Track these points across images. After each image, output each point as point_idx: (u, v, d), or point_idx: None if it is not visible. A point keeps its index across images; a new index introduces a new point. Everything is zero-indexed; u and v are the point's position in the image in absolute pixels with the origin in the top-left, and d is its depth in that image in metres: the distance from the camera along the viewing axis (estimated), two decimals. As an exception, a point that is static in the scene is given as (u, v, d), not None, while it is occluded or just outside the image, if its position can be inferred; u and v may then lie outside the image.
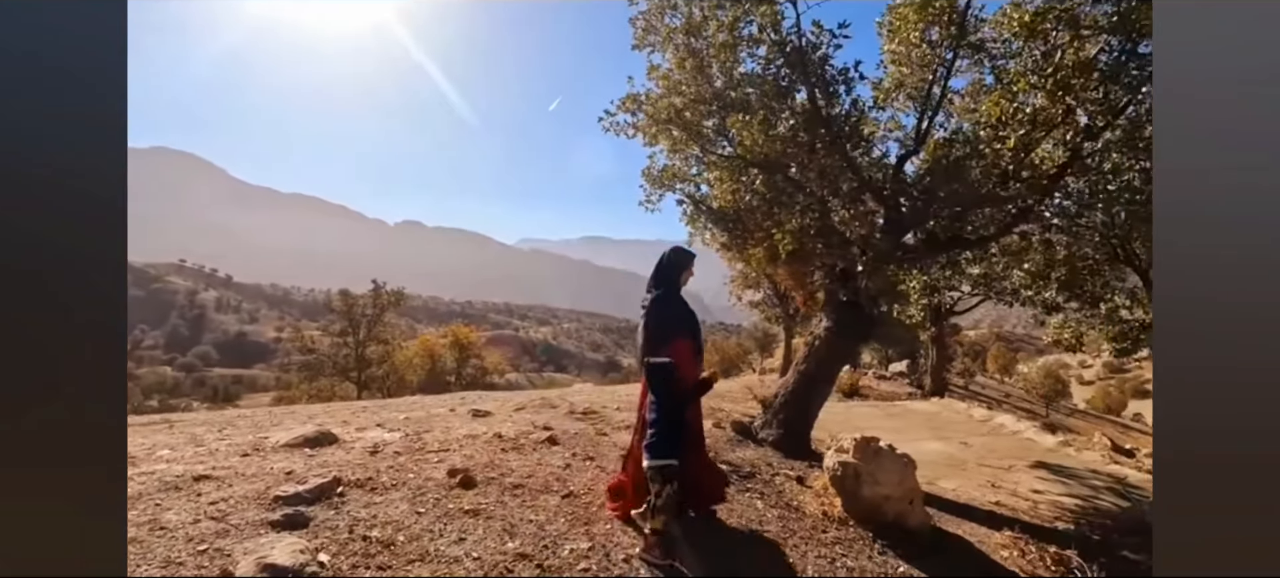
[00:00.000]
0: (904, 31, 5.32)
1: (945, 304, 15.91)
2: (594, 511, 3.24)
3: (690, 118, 6.03)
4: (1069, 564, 3.61)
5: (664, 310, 3.17)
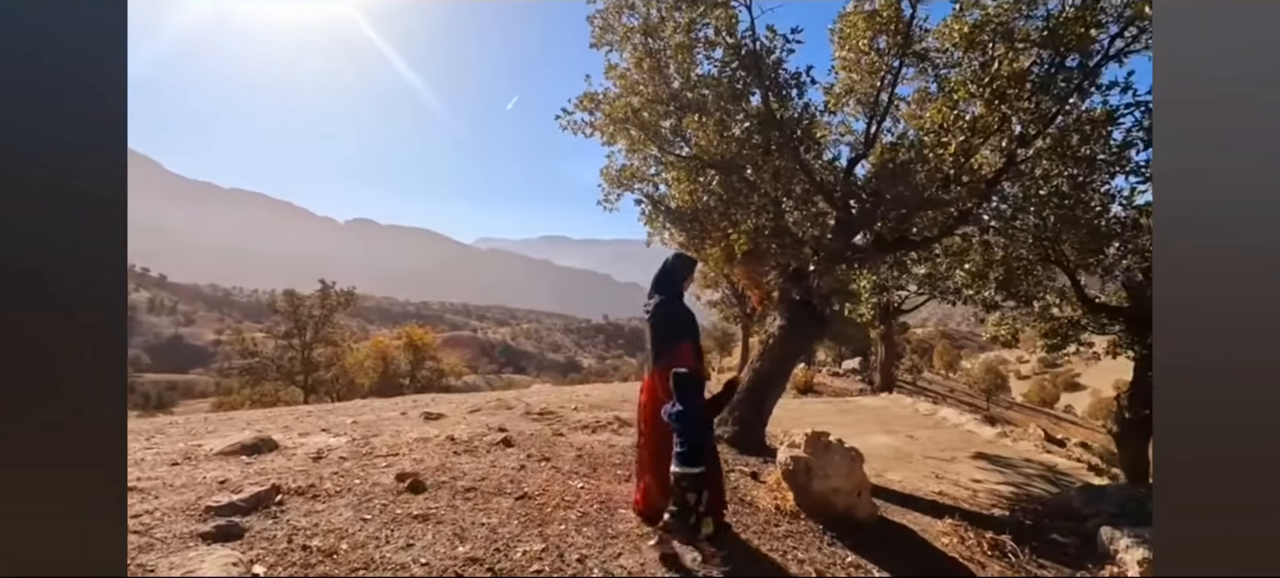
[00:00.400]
0: (854, 39, 5.49)
1: (893, 303, 16.53)
2: (548, 511, 3.21)
3: (648, 118, 6.06)
4: (1004, 548, 3.81)
5: (669, 316, 3.25)
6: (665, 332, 3.20)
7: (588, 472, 4.03)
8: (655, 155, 6.67)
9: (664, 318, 3.24)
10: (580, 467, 4.11)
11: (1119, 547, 3.70)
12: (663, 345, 3.19)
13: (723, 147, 5.29)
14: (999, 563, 3.67)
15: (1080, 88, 4.98)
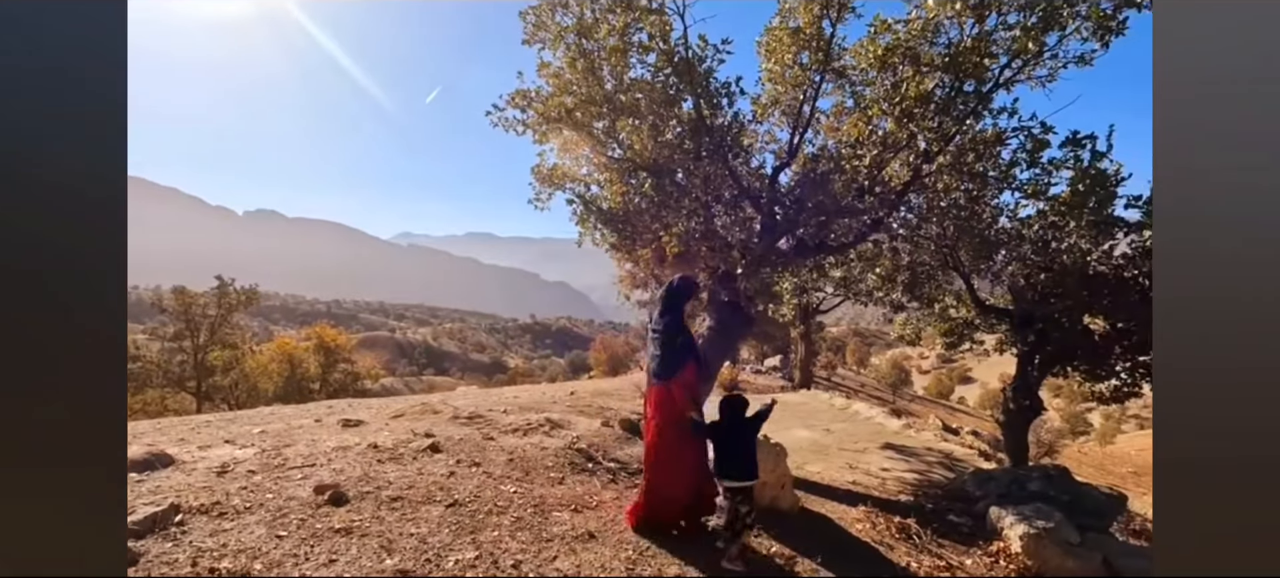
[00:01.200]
0: (779, 53, 5.76)
1: (812, 304, 17.44)
2: (481, 518, 3.14)
3: (581, 118, 6.04)
4: (909, 531, 4.16)
5: (676, 336, 3.49)
6: (676, 351, 3.44)
7: (520, 476, 3.98)
8: (588, 156, 6.67)
9: (673, 338, 3.46)
10: (512, 471, 4.05)
11: (1004, 524, 4.14)
12: (673, 364, 3.42)
13: (656, 150, 5.39)
14: (905, 545, 4.00)
15: (975, 111, 5.51)
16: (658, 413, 3.45)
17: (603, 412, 7.71)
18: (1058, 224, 6.25)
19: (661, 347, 3.47)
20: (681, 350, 3.45)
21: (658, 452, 3.44)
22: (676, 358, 3.43)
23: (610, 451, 5.06)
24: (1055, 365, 6.91)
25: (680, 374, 3.42)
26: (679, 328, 3.53)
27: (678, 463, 3.42)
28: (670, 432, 3.42)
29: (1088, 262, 6.22)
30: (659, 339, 3.51)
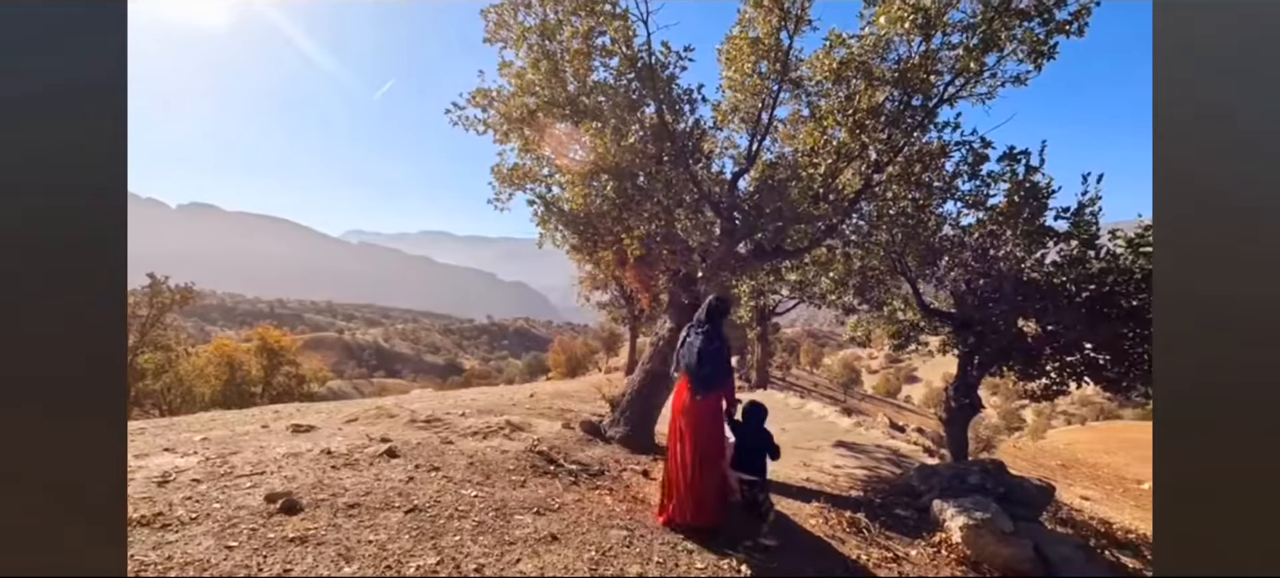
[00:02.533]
0: (739, 61, 5.91)
1: (769, 306, 17.87)
2: (442, 523, 3.10)
3: (543, 120, 6.03)
4: (859, 526, 4.35)
5: (721, 349, 3.70)
6: (720, 365, 3.67)
7: (481, 480, 3.94)
8: (549, 157, 6.65)
9: (717, 353, 3.68)
10: (473, 475, 4.01)
11: (946, 516, 4.38)
12: (718, 377, 3.67)
13: (619, 154, 5.44)
14: (856, 538, 4.18)
15: (922, 124, 5.81)
16: (702, 422, 3.67)
17: (563, 414, 7.70)
18: (995, 233, 6.65)
19: (706, 361, 3.65)
20: (726, 367, 3.71)
21: (705, 457, 3.64)
22: (721, 372, 3.66)
23: (572, 453, 5.07)
24: (992, 366, 7.36)
25: (725, 386, 3.68)
26: (720, 338, 3.76)
27: (718, 467, 3.74)
28: (717, 439, 3.72)
29: (1022, 269, 6.65)
30: (704, 354, 3.67)
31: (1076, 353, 6.40)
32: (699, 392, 3.69)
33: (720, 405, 3.75)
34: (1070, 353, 6.47)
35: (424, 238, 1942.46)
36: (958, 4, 5.12)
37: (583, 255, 9.20)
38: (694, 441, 3.69)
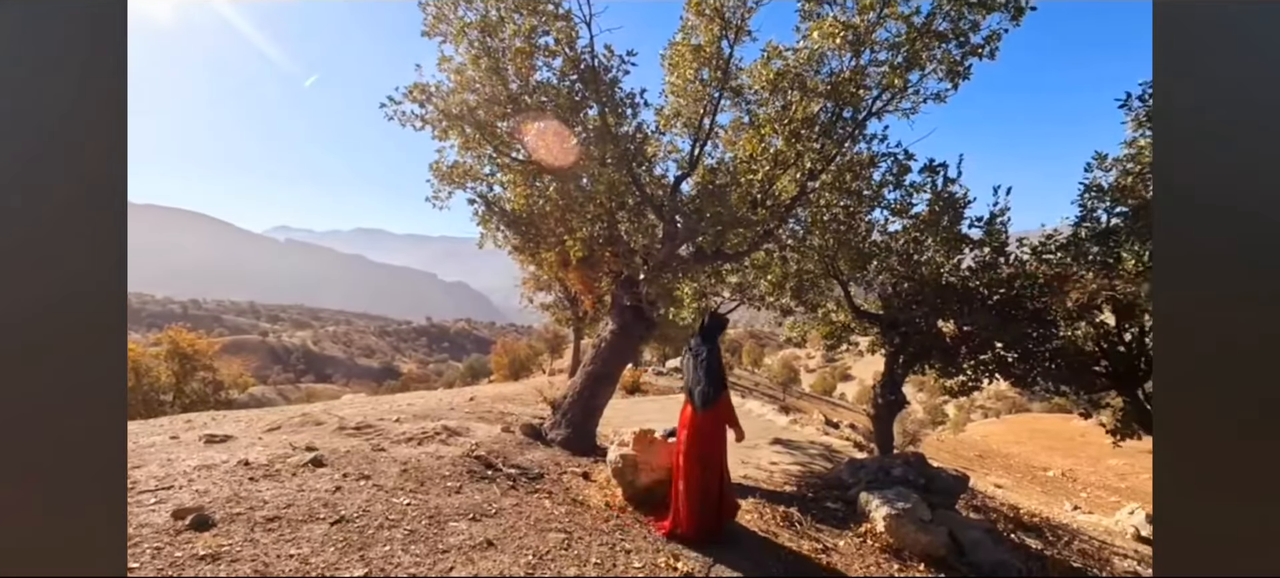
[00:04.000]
0: (681, 67, 6.01)
1: (710, 308, 18.22)
2: (371, 534, 2.99)
3: (484, 117, 5.91)
4: (792, 519, 4.52)
5: (720, 365, 3.88)
6: (717, 382, 3.81)
7: (414, 487, 3.82)
8: (491, 155, 6.53)
9: (710, 368, 3.83)
10: (406, 483, 3.87)
11: (871, 508, 4.63)
12: (716, 393, 3.81)
13: (561, 155, 5.41)
14: (788, 532, 4.34)
15: (852, 135, 6.12)
16: (703, 436, 3.80)
17: (504, 417, 7.57)
18: (918, 239, 7.08)
19: (706, 378, 3.80)
20: (721, 383, 3.85)
21: (706, 469, 3.78)
22: (718, 388, 3.81)
23: (511, 457, 4.99)
24: (916, 364, 7.83)
25: (722, 401, 3.84)
26: (718, 356, 3.91)
27: (723, 476, 3.89)
28: (720, 451, 3.86)
29: (941, 273, 7.11)
30: (703, 371, 3.82)
31: (988, 351, 6.91)
32: (699, 407, 3.82)
33: (720, 419, 3.86)
34: (983, 351, 6.98)
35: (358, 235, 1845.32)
36: (884, 23, 5.43)
37: (525, 256, 9.08)
38: (696, 454, 3.80)
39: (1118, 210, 5.42)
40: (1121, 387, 5.85)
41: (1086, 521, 9.68)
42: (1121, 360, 5.77)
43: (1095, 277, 5.55)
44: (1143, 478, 17.40)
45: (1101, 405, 7.29)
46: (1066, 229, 5.99)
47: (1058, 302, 5.82)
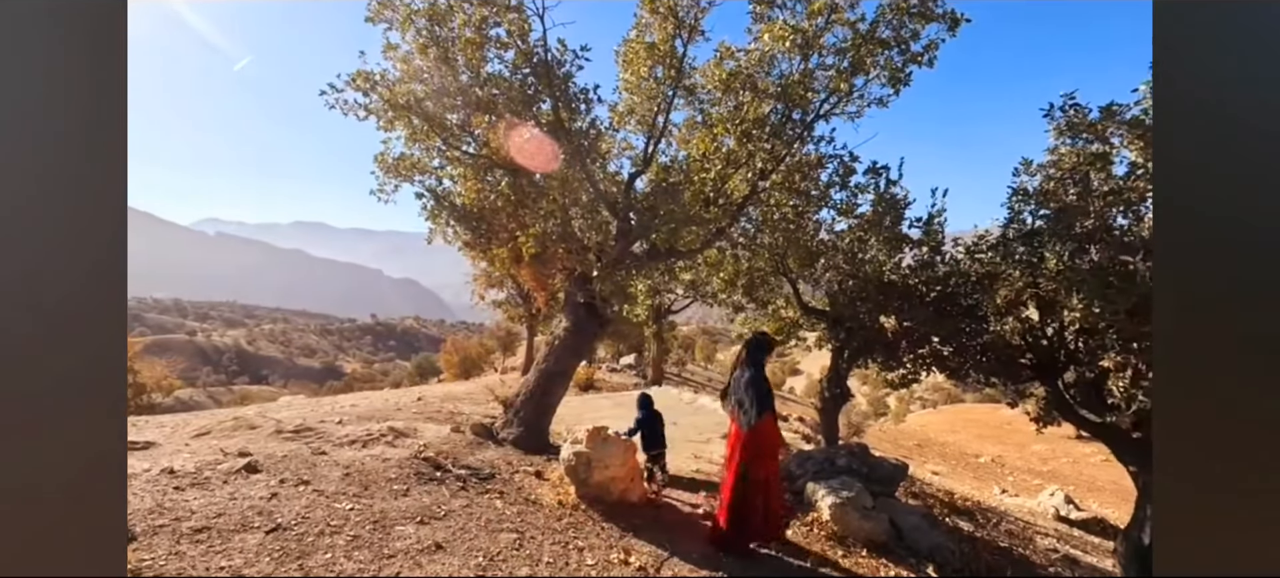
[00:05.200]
0: (635, 65, 6.02)
1: (664, 305, 18.36)
2: (310, 541, 2.86)
3: (432, 109, 5.74)
4: (743, 511, 4.62)
5: (767, 385, 3.96)
6: (763, 399, 3.88)
7: (358, 491, 3.68)
8: (440, 148, 6.34)
9: (755, 386, 3.90)
10: (348, 487, 3.73)
11: (817, 497, 4.79)
12: (762, 410, 3.87)
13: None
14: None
15: (801, 137, 6.29)
16: (746, 452, 3.86)
17: (453, 417, 7.39)
18: (862, 239, 7.36)
19: (753, 397, 3.87)
20: (767, 398, 3.92)
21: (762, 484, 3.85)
22: (764, 404, 3.88)
23: (461, 457, 4.88)
24: (859, 358, 8.14)
25: (768, 417, 3.91)
26: (764, 380, 3.98)
27: (770, 491, 3.93)
28: (764, 467, 3.89)
29: (883, 271, 7.42)
30: (750, 390, 3.90)
31: (926, 346, 7.26)
32: (744, 425, 3.88)
33: (770, 433, 3.93)
34: (921, 346, 7.32)
35: (297, 229, 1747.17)
36: (831, 29, 5.61)
37: (476, 253, 8.88)
38: (738, 468, 3.85)
39: (1041, 213, 5.78)
40: (1044, 377, 6.26)
41: (1013, 503, 10.36)
42: (1044, 353, 6.17)
43: (1021, 275, 5.92)
44: (1063, 462, 18.76)
45: (1026, 395, 7.80)
46: (997, 230, 6.35)
47: (988, 299, 6.17)
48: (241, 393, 44.16)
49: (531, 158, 5.74)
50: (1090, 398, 5.98)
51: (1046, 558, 6.30)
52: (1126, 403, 5.29)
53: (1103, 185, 5.25)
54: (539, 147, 5.66)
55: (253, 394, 38.74)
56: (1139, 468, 5.66)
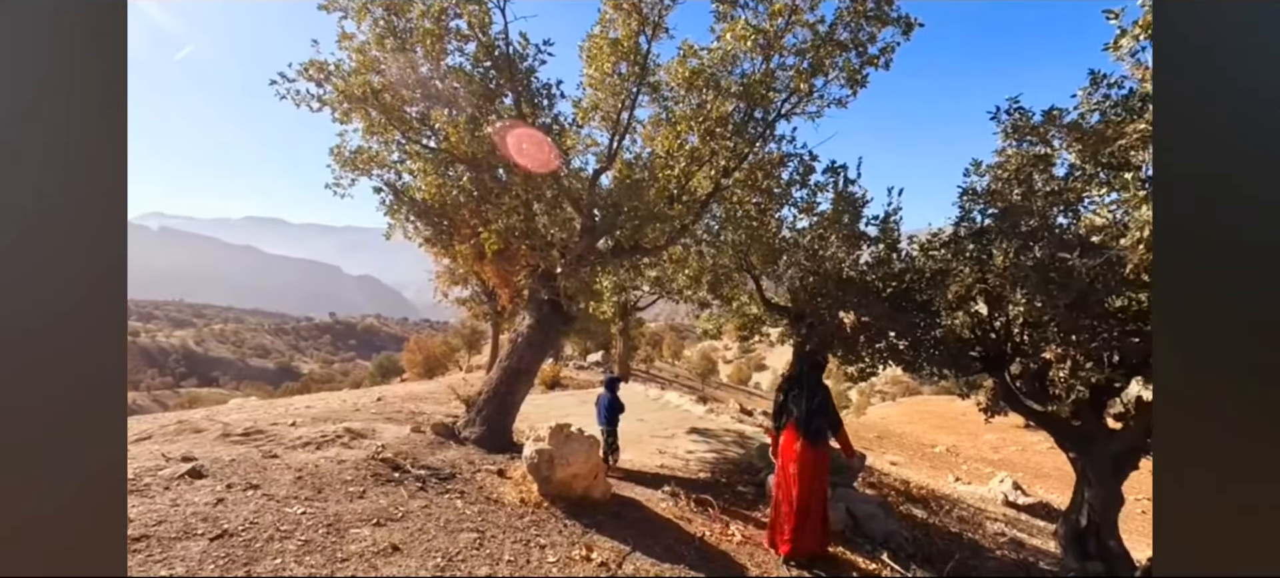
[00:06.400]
0: (599, 60, 6.00)
1: (631, 301, 18.39)
2: (258, 547, 2.76)
3: (390, 101, 5.59)
4: (705, 504, 4.68)
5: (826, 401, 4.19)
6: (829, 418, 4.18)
7: (311, 494, 3.57)
8: (399, 141, 6.19)
9: (823, 407, 4.16)
10: (300, 490, 3.61)
11: (779, 489, 4.88)
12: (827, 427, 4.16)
13: (474, 145, 5.23)
14: (701, 517, 4.50)
15: (763, 135, 6.39)
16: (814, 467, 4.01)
17: (414, 417, 7.23)
18: (822, 236, 7.53)
19: (816, 415, 4.09)
20: (834, 417, 4.25)
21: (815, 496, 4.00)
22: (831, 423, 4.21)
23: (421, 458, 4.79)
24: (820, 352, 8.33)
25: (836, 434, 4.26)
26: (825, 395, 4.22)
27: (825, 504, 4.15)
28: (822, 481, 4.09)
29: (842, 268, 7.60)
30: (822, 414, 4.12)
31: (883, 340, 7.48)
32: (813, 442, 4.04)
33: (828, 453, 4.19)
34: (878, 340, 7.54)
35: (249, 225, 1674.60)
36: (792, 30, 5.71)
37: (437, 249, 8.70)
38: (811, 483, 3.99)
39: (989, 212, 6.03)
40: (992, 369, 6.54)
41: (966, 490, 10.79)
42: (992, 346, 6.45)
43: (971, 271, 6.16)
44: (1013, 450, 19.63)
45: (976, 387, 8.12)
46: (949, 229, 6.58)
47: (940, 294, 6.40)
48: (189, 396, 42.13)
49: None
50: (1034, 389, 6.28)
51: (995, 541, 6.60)
52: (1066, 392, 5.57)
53: (1045, 186, 5.50)
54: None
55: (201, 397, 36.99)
56: (1078, 454, 5.98)
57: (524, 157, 5.58)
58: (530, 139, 5.54)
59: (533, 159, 5.61)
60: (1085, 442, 5.87)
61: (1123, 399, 6.04)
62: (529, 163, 5.62)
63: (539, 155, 5.61)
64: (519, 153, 5.55)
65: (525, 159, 5.59)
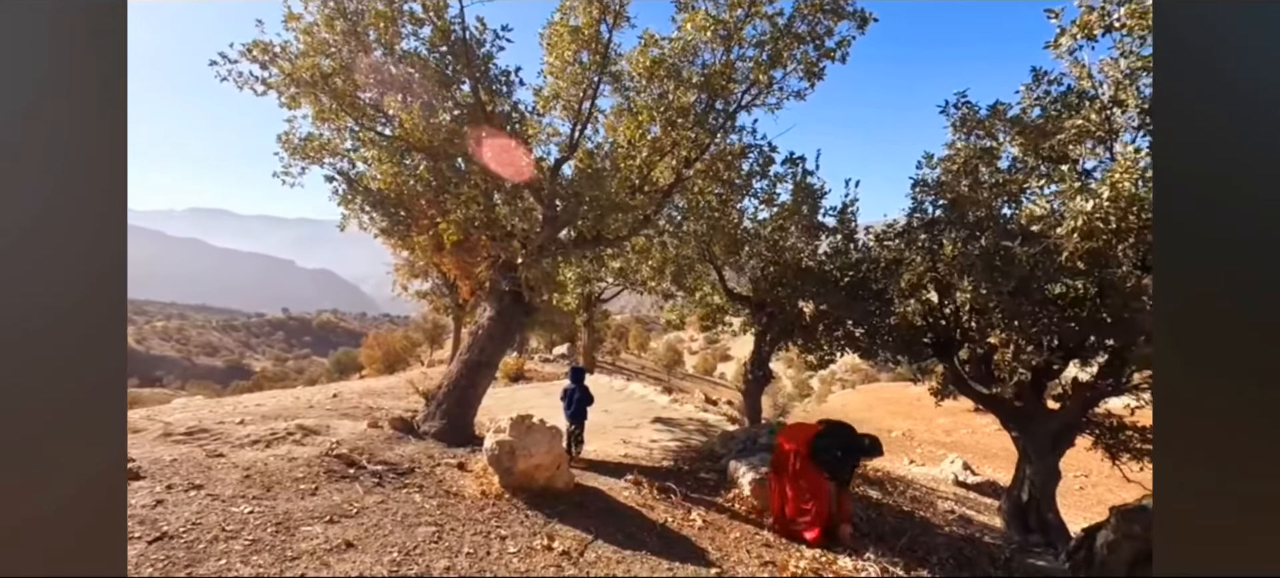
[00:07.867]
0: (560, 48, 5.92)
1: (595, 293, 18.33)
2: (201, 549, 2.65)
3: (341, 86, 5.39)
4: (668, 492, 4.73)
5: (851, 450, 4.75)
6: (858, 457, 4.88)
7: (259, 493, 3.44)
8: (351, 128, 5.98)
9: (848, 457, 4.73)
10: (248, 489, 3.48)
11: (739, 474, 4.99)
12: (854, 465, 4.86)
13: (430, 133, 5.10)
14: (664, 504, 4.54)
15: (724, 127, 6.44)
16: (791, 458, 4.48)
17: (371, 413, 7.05)
18: (782, 227, 7.67)
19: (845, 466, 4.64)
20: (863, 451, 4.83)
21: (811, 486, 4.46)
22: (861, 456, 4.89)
23: (378, 453, 4.67)
24: (780, 342, 8.52)
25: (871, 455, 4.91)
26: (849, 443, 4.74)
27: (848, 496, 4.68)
28: None
29: (801, 258, 7.78)
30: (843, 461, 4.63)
31: (841, 328, 7.71)
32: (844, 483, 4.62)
33: None
34: (836, 328, 7.76)
35: (194, 217, 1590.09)
36: (752, 21, 5.76)
37: (394, 240, 8.46)
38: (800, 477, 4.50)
39: (939, 203, 6.26)
40: (942, 354, 6.82)
41: (919, 472, 11.23)
42: (942, 332, 6.72)
43: (922, 260, 6.40)
44: (964, 433, 20.52)
45: (928, 372, 8.45)
46: (904, 219, 6.81)
47: (894, 283, 6.62)
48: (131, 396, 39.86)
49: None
50: (981, 372, 6.57)
51: (945, 519, 6.89)
52: (1010, 375, 5.85)
53: (990, 178, 5.74)
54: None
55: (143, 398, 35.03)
56: (1019, 432, 6.29)
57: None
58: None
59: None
60: (1026, 421, 6.18)
61: (1061, 381, 6.39)
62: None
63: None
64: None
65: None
